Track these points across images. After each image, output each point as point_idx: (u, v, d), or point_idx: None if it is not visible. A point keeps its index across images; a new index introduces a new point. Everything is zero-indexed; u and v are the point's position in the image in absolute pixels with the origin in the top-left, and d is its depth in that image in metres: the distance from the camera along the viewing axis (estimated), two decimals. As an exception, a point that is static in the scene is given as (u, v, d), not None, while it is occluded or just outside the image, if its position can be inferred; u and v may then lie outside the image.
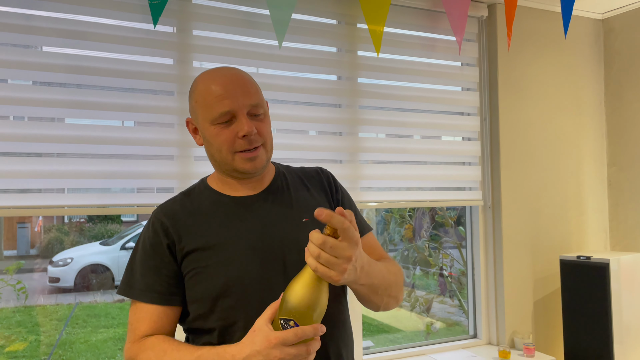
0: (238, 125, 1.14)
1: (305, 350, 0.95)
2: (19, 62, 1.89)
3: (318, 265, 0.92)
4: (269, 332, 0.95)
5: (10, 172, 1.88)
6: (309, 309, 0.93)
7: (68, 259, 5.91)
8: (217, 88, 1.15)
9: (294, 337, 0.93)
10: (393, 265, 1.25)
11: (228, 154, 1.16)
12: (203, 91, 1.17)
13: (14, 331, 4.79)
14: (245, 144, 1.15)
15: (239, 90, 1.15)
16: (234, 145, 1.15)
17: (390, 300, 1.20)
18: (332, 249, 0.92)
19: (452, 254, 4.04)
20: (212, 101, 1.14)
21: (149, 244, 1.17)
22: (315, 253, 0.92)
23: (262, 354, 0.94)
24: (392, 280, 1.19)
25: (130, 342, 1.14)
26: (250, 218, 1.19)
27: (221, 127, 1.15)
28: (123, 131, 2.04)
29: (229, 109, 1.13)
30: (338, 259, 0.93)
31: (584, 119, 2.98)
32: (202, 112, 1.17)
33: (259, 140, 1.17)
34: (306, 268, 0.95)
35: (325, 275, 0.93)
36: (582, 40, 3.00)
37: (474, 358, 2.53)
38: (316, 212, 0.91)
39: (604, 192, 3.03)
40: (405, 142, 2.58)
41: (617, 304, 2.43)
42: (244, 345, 0.98)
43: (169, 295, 1.15)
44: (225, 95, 1.14)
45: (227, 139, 1.15)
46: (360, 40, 2.48)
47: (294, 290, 0.94)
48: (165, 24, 2.11)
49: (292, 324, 0.94)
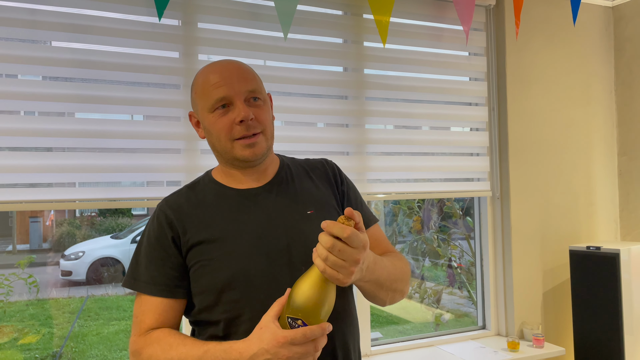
0: (235, 112, 1.15)
1: (313, 348, 0.96)
2: (27, 57, 1.90)
3: (326, 268, 0.93)
4: (277, 331, 0.95)
5: (22, 167, 1.90)
6: (317, 308, 0.94)
7: (80, 252, 5.97)
8: (214, 76, 1.17)
9: (303, 338, 0.93)
10: (399, 260, 1.24)
11: (227, 141, 1.17)
12: (201, 81, 1.19)
13: (27, 324, 4.86)
14: (242, 129, 1.15)
15: (234, 77, 1.16)
16: (232, 132, 1.16)
17: (396, 295, 1.21)
18: (340, 252, 0.93)
19: (462, 245, 4.02)
20: (209, 89, 1.16)
21: (153, 236, 1.18)
22: (324, 255, 0.93)
23: (270, 352, 0.95)
24: (397, 275, 1.19)
25: (135, 335, 1.15)
26: (255, 210, 1.19)
27: (219, 114, 1.16)
28: (131, 125, 2.05)
29: (225, 95, 1.15)
30: (346, 262, 0.93)
31: (593, 108, 2.94)
32: (200, 101, 1.19)
33: (258, 127, 1.17)
34: (314, 267, 0.95)
35: (333, 278, 0.94)
36: (592, 28, 2.96)
37: (483, 349, 2.52)
38: (322, 224, 0.93)
39: (614, 182, 3.00)
40: (412, 133, 2.57)
41: (627, 294, 2.42)
42: (251, 342, 0.98)
43: (174, 288, 1.15)
44: (221, 82, 1.16)
45: (225, 125, 1.16)
46: (366, 30, 2.46)
47: (302, 289, 0.94)
48: (170, 17, 2.11)
49: (300, 323, 0.94)
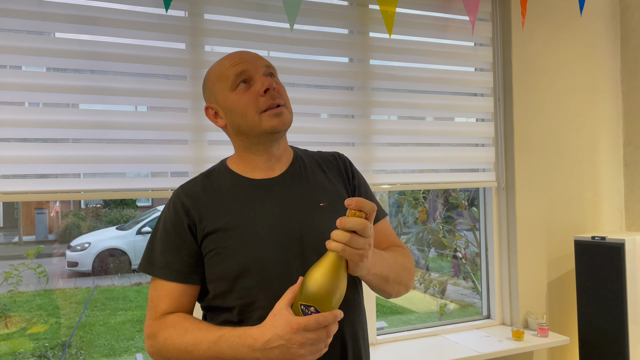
0: (257, 84, 1.19)
1: (325, 334, 0.98)
2: (32, 48, 1.91)
3: (345, 248, 0.97)
4: (290, 317, 0.97)
5: (27, 158, 1.91)
6: (330, 296, 0.97)
7: (86, 243, 6.00)
8: (229, 60, 1.22)
9: (316, 324, 0.96)
10: (402, 255, 1.27)
11: (255, 115, 1.19)
12: (217, 68, 1.24)
13: (35, 314, 4.90)
14: (268, 99, 1.19)
15: (250, 55, 1.23)
16: (257, 105, 1.19)
17: (401, 288, 1.25)
18: (355, 242, 0.98)
19: (467, 235, 4.03)
20: (227, 70, 1.21)
21: (170, 223, 1.20)
22: (344, 240, 0.97)
23: (284, 338, 0.97)
24: (400, 270, 1.23)
25: (151, 319, 1.17)
26: (270, 200, 1.21)
27: (242, 90, 1.19)
28: (137, 116, 2.06)
29: (244, 69, 1.20)
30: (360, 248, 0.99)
31: (599, 98, 2.94)
32: (220, 84, 1.22)
33: (281, 99, 1.21)
34: (327, 257, 0.98)
35: (352, 256, 0.98)
36: (598, 17, 2.94)
37: (488, 338, 2.54)
38: (337, 221, 0.98)
39: (619, 172, 3.00)
40: (418, 124, 2.57)
41: (632, 284, 2.42)
42: (265, 328, 1.00)
43: (189, 274, 1.17)
44: (238, 60, 1.21)
45: (250, 100, 1.19)
46: (372, 21, 2.46)
47: (315, 277, 0.97)
48: (177, 8, 2.11)
49: (312, 310, 0.97)
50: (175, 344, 1.09)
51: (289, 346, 0.96)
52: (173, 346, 1.09)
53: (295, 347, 0.96)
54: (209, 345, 1.05)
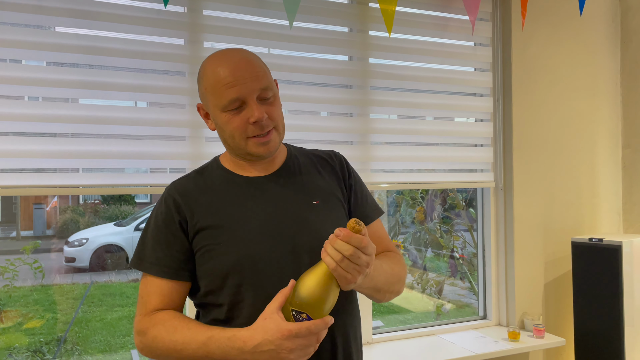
0: (249, 112, 1.15)
1: (315, 339, 0.99)
2: (32, 42, 1.91)
3: (338, 267, 0.97)
4: (281, 323, 0.98)
5: (25, 152, 1.91)
6: (322, 304, 0.98)
7: (83, 239, 5.99)
8: (226, 74, 1.14)
9: (307, 332, 0.97)
10: (396, 264, 1.27)
11: (241, 140, 1.17)
12: (211, 77, 1.16)
13: (32, 309, 4.90)
14: (256, 129, 1.16)
15: (247, 75, 1.14)
16: (246, 131, 1.16)
17: (392, 296, 1.26)
18: (358, 258, 0.97)
19: (464, 236, 4.03)
20: (221, 88, 1.14)
21: (161, 219, 1.19)
22: (339, 258, 0.96)
23: (274, 344, 0.97)
24: (394, 282, 1.23)
25: (140, 315, 1.17)
26: (262, 198, 1.21)
27: (232, 114, 1.15)
28: (135, 112, 2.05)
29: (238, 96, 1.13)
30: (359, 265, 0.98)
31: (599, 100, 2.93)
32: (212, 99, 1.17)
33: (270, 124, 1.18)
34: (321, 264, 0.99)
35: (342, 277, 0.98)
36: (599, 19, 2.94)
37: (484, 338, 2.54)
38: (338, 234, 0.97)
39: (617, 174, 2.99)
40: (416, 123, 2.57)
41: (629, 286, 2.42)
42: (255, 332, 1.00)
43: (179, 270, 1.17)
44: (234, 82, 1.13)
45: (239, 125, 1.16)
46: (371, 19, 2.45)
47: (309, 285, 0.97)
48: (175, 3, 2.11)
49: (304, 316, 0.97)
50: (164, 342, 1.09)
51: (279, 351, 0.97)
52: (162, 344, 1.10)
53: (285, 353, 0.97)
54: (198, 345, 1.05)
